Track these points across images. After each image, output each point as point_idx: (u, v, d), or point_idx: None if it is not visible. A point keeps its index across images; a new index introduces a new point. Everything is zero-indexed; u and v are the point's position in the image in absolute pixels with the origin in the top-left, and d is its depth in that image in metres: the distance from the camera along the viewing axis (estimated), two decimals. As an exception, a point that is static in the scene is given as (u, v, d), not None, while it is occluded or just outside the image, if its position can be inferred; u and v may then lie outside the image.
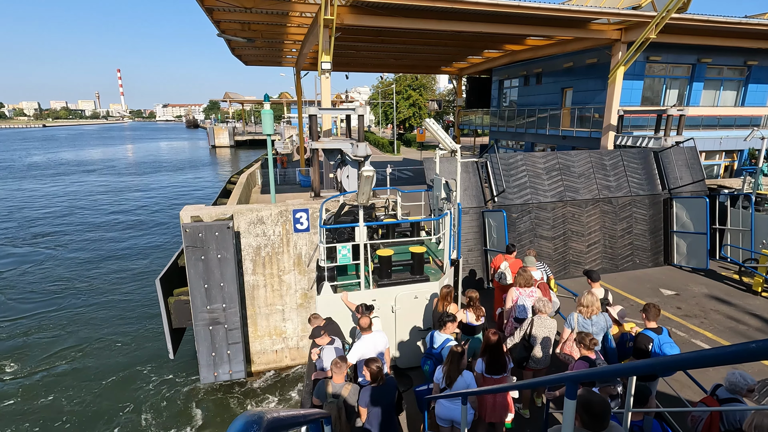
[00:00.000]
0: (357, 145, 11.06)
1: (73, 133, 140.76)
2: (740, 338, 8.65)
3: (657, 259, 12.70)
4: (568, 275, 11.83)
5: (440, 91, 70.52)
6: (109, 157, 67.92)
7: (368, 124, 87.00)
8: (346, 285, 7.27)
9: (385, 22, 13.81)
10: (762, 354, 1.45)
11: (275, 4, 13.46)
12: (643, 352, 5.31)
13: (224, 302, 9.45)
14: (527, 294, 6.53)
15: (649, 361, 2.40)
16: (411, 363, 7.38)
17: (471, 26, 14.46)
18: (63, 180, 44.40)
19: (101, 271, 18.81)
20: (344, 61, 24.85)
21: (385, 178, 11.32)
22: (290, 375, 10.98)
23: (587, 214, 12.08)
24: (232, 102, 78.61)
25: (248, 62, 25.60)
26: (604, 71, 17.23)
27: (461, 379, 4.78)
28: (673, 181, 12.83)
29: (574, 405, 2.61)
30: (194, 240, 8.93)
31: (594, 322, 5.74)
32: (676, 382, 6.48)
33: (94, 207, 31.54)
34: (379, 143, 54.06)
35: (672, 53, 17.74)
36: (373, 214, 9.99)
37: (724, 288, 11.08)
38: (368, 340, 5.52)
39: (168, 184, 41.50)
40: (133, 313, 14.85)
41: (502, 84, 27.07)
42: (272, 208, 10.05)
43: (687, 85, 18.98)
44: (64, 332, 13.62)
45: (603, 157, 12.65)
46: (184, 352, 11.43)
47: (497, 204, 11.43)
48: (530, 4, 13.11)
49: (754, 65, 19.30)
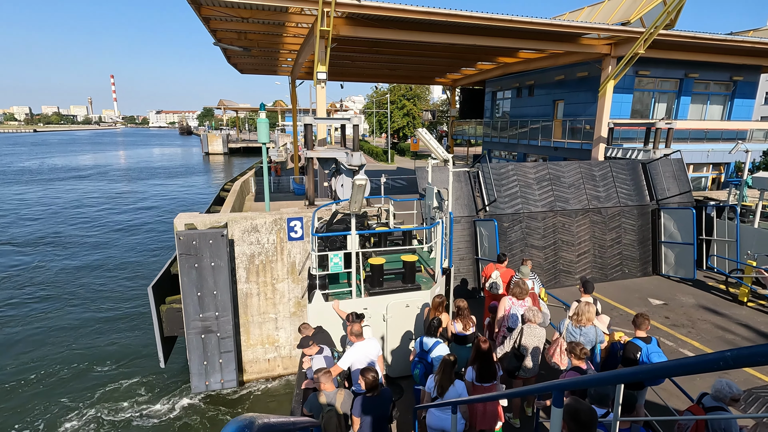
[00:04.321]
0: (352, 155, 11.15)
1: (65, 139, 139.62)
2: (727, 347, 8.78)
3: (646, 268, 12.88)
4: (558, 284, 11.95)
5: (434, 102, 71.16)
6: (102, 163, 67.41)
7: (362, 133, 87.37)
8: (338, 293, 7.29)
9: (381, 33, 14.02)
10: (738, 361, 1.53)
11: (272, 15, 13.62)
12: (632, 361, 5.39)
13: (217, 310, 9.42)
14: (520, 304, 6.61)
15: (633, 369, 2.47)
16: (402, 372, 7.40)
17: (465, 39, 14.73)
18: (54, 186, 43.97)
19: (92, 277, 18.61)
20: (339, 70, 25.11)
21: (379, 186, 11.40)
22: (282, 384, 10.92)
23: (577, 224, 12.24)
24: (226, 109, 78.67)
25: (244, 71, 25.74)
26: (594, 84, 17.58)
27: (453, 388, 4.81)
28: (661, 192, 13.07)
29: (561, 413, 2.68)
30: (188, 248, 8.92)
31: (583, 333, 5.82)
32: (664, 392, 6.57)
33: (85, 213, 31.24)
34: (373, 152, 54.28)
35: (660, 68, 18.17)
36: (365, 222, 10.06)
37: (711, 298, 11.26)
38: (360, 348, 5.54)
39: (160, 191, 41.26)
40: (124, 321, 14.69)
41: (495, 95, 27.45)
42: (266, 216, 10.08)
43: (675, 99, 19.41)
44: (52, 339, 13.43)
45: (592, 167, 12.87)
46: (175, 361, 11.33)
47: (489, 213, 11.56)
48: (523, 18, 13.40)
49: (740, 80, 19.81)
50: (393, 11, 12.49)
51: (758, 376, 7.61)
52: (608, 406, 4.26)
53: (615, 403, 2.88)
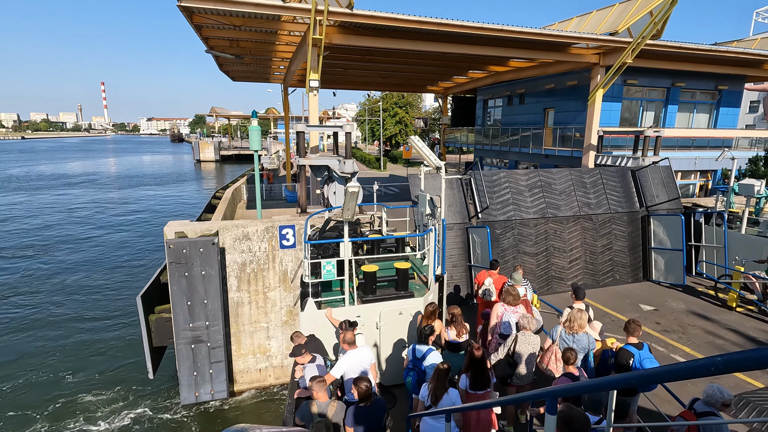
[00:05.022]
0: (344, 162, 11.16)
1: (54, 146, 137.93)
2: (717, 353, 8.85)
3: (636, 274, 12.99)
4: (550, 291, 11.99)
5: (426, 110, 71.68)
6: (91, 171, 66.62)
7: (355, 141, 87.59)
8: (331, 301, 7.24)
9: (373, 42, 14.12)
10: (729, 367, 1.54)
11: (265, 23, 13.65)
12: (624, 367, 5.40)
13: (207, 320, 9.28)
14: (512, 311, 6.61)
15: (625, 375, 2.48)
16: (396, 380, 7.33)
17: (456, 48, 14.89)
18: (41, 193, 43.32)
19: (78, 286, 18.28)
20: (332, 78, 25.20)
21: (371, 194, 11.41)
22: (274, 394, 10.76)
23: (569, 231, 12.33)
24: (218, 117, 78.42)
25: (236, 78, 25.72)
26: (584, 93, 17.84)
27: (446, 396, 4.78)
28: (650, 199, 13.23)
29: (555, 420, 2.67)
30: (178, 256, 8.81)
31: (576, 339, 5.83)
32: (657, 397, 6.59)
33: (74, 221, 30.78)
34: (366, 159, 54.41)
35: (648, 77, 18.51)
36: (358, 229, 10.03)
37: (701, 303, 11.37)
38: (353, 356, 5.49)
39: (151, 199, 40.84)
40: (112, 331, 14.42)
41: (486, 103, 27.72)
42: (258, 224, 10.01)
43: (663, 108, 19.76)
44: (38, 349, 13.12)
45: (583, 175, 13.01)
46: (164, 372, 11.11)
47: (481, 220, 11.60)
48: (513, 27, 13.59)
49: (725, 90, 20.25)
50: (385, 20, 12.60)
51: (749, 381, 7.68)
52: (602, 413, 4.26)
53: (608, 409, 2.88)
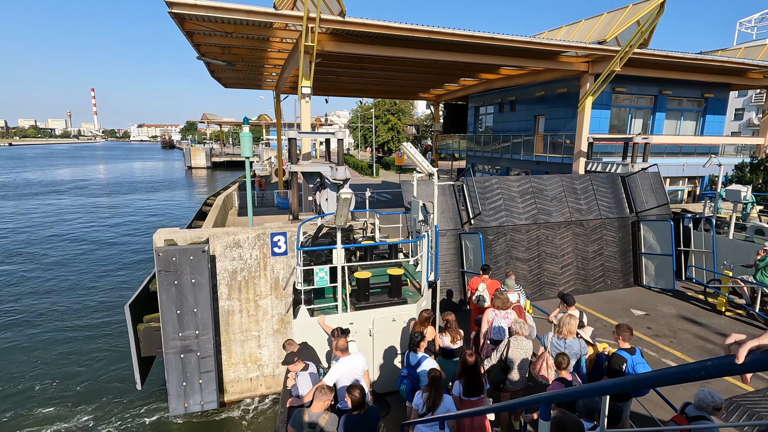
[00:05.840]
0: (336, 169, 11.14)
1: (43, 153, 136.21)
2: (707, 357, 8.92)
3: (627, 280, 13.09)
4: (543, 296, 12.03)
5: (418, 116, 72.16)
6: (80, 177, 65.80)
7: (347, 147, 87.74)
8: (324, 308, 7.19)
9: (365, 49, 14.20)
10: (719, 371, 1.54)
11: (257, 30, 13.67)
12: (617, 372, 5.41)
13: (197, 329, 9.14)
14: (503, 316, 6.60)
15: (618, 380, 2.48)
16: (390, 387, 7.27)
17: (448, 55, 15.03)
18: (28, 200, 42.65)
19: (65, 295, 17.94)
20: (324, 85, 25.25)
21: (364, 200, 11.39)
22: (265, 404, 10.61)
23: (560, 236, 12.41)
24: (209, 123, 78.07)
25: (227, 85, 25.67)
26: (573, 100, 18.08)
27: (442, 404, 4.74)
28: (640, 204, 13.38)
29: (548, 426, 2.66)
30: (167, 264, 8.69)
31: (568, 345, 5.83)
32: (649, 402, 6.60)
33: (62, 229, 30.29)
34: (359, 166, 54.48)
35: (636, 85, 18.84)
36: (351, 236, 10.00)
37: (691, 308, 11.48)
38: (346, 363, 5.44)
39: (141, 206, 40.39)
40: (99, 341, 14.15)
41: (478, 110, 27.97)
42: (249, 231, 9.92)
43: (651, 115, 20.10)
44: (21, 359, 12.82)
45: (574, 181, 13.13)
46: (152, 382, 10.90)
47: (474, 226, 11.64)
48: (504, 36, 13.77)
49: (711, 97, 20.66)
50: (377, 27, 12.68)
51: (739, 385, 7.73)
52: (596, 419, 4.25)
53: (601, 414, 2.88)
